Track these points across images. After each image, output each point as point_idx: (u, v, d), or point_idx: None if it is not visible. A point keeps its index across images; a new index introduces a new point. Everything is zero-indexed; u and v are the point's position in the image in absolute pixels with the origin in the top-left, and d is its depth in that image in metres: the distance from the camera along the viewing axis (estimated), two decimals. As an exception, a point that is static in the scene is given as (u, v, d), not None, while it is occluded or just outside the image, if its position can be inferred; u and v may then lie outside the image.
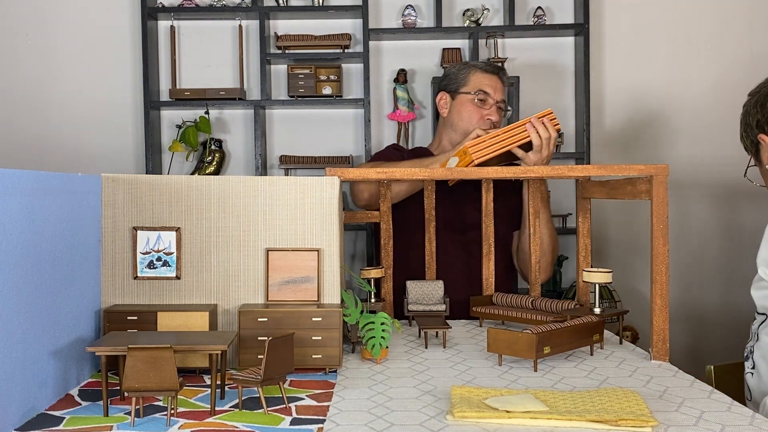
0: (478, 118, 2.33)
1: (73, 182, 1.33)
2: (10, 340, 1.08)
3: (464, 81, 2.38)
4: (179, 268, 1.47)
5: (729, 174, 3.17)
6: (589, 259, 1.89)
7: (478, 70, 2.39)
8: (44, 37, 3.21)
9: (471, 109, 2.35)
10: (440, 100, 2.44)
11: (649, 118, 3.19)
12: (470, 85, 2.37)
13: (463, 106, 2.36)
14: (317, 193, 1.50)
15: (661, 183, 1.54)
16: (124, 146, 3.22)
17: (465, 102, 2.36)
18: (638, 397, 1.16)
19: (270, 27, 3.18)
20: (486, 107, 2.34)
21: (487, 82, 2.36)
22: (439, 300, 1.83)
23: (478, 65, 2.43)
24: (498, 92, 2.37)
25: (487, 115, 2.33)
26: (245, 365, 1.39)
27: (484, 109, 2.34)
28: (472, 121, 2.33)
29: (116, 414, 1.16)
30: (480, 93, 2.34)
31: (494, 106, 2.35)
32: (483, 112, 2.33)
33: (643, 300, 3.02)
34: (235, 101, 3.07)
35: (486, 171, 1.70)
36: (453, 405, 1.13)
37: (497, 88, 2.37)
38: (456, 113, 2.38)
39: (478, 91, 2.34)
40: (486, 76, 2.38)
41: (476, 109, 2.34)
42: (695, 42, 3.19)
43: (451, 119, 2.40)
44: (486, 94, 2.34)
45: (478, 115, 2.33)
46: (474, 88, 2.36)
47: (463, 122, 2.35)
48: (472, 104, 2.35)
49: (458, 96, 2.38)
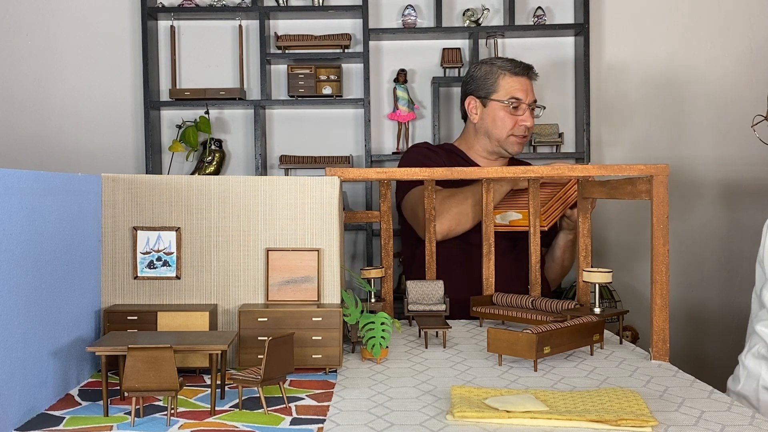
0: (511, 125, 2.32)
1: (73, 182, 1.33)
2: (10, 340, 1.08)
3: (494, 87, 2.35)
4: (179, 268, 1.47)
5: (729, 174, 3.18)
6: (589, 259, 1.89)
7: (508, 74, 2.35)
8: (44, 37, 3.21)
9: (504, 116, 2.32)
10: (469, 106, 2.40)
11: (648, 117, 3.19)
12: (501, 92, 2.33)
13: (496, 113, 2.34)
14: (317, 193, 1.50)
15: (661, 183, 1.54)
16: (124, 146, 3.22)
17: (497, 109, 2.33)
18: (638, 397, 1.16)
19: (270, 27, 3.18)
20: (519, 113, 2.32)
21: (518, 86, 2.33)
22: (439, 300, 1.83)
23: (505, 67, 2.37)
24: (530, 94, 2.35)
25: (522, 121, 2.32)
26: (245, 365, 1.39)
27: (517, 115, 2.33)
28: (507, 129, 2.32)
29: (116, 414, 1.16)
30: (512, 100, 2.32)
31: (527, 111, 2.33)
32: (517, 119, 2.32)
33: (643, 300, 3.02)
34: (235, 101, 3.07)
35: (486, 171, 1.70)
36: (453, 405, 1.13)
37: (528, 90, 2.34)
38: (490, 121, 2.35)
39: (511, 99, 2.32)
40: (516, 79, 2.34)
41: (510, 116, 2.32)
42: (696, 42, 3.19)
43: (484, 127, 2.37)
44: (518, 100, 2.32)
45: (511, 123, 2.32)
46: (506, 96, 2.32)
47: (498, 130, 2.34)
48: (505, 112, 2.32)
49: (490, 103, 2.35)
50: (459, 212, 2.14)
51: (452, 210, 2.15)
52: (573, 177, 1.74)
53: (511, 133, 2.33)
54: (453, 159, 2.39)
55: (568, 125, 3.16)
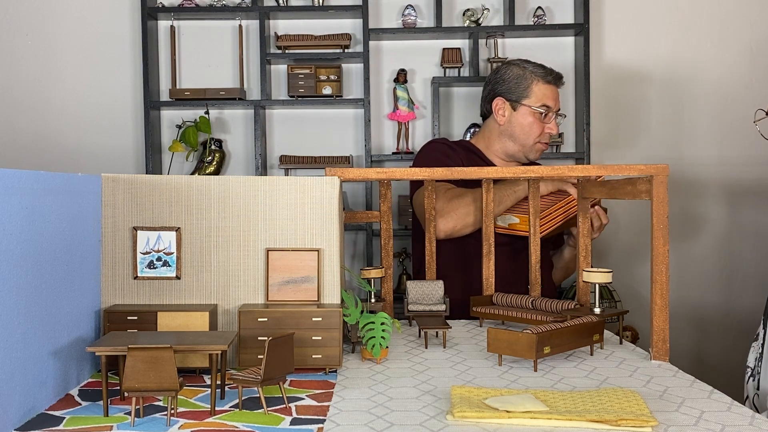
0: (539, 132, 2.33)
1: (73, 182, 1.33)
2: (10, 340, 1.08)
3: (526, 92, 2.34)
4: (179, 268, 1.47)
5: (729, 173, 3.18)
6: (589, 259, 1.89)
7: (540, 81, 2.34)
8: (44, 37, 3.21)
9: (533, 122, 2.32)
10: (497, 107, 2.38)
11: (648, 117, 3.19)
12: (533, 98, 2.33)
13: (524, 118, 2.33)
14: (317, 193, 1.50)
15: (661, 183, 1.54)
16: (124, 146, 3.22)
17: (527, 114, 2.33)
18: (638, 397, 1.16)
19: (270, 27, 3.18)
20: (547, 120, 2.33)
21: (550, 94, 2.34)
22: (439, 300, 1.83)
23: (538, 74, 2.36)
24: (557, 103, 2.36)
25: (549, 129, 2.33)
26: (245, 365, 1.39)
27: (545, 122, 2.33)
28: (534, 135, 2.33)
29: (116, 414, 1.16)
30: (544, 108, 2.32)
31: (554, 119, 2.34)
32: (544, 126, 2.33)
33: (643, 300, 3.02)
34: (235, 101, 3.07)
35: (486, 171, 1.70)
36: (453, 405, 1.13)
37: (557, 99, 2.36)
38: (517, 125, 2.35)
39: (543, 106, 2.32)
40: (548, 87, 2.35)
41: (538, 123, 2.33)
42: (696, 42, 3.19)
43: (510, 130, 2.36)
44: (549, 108, 2.33)
45: (539, 129, 2.33)
46: (538, 102, 2.32)
47: (525, 135, 2.34)
48: (534, 118, 2.32)
49: (520, 107, 2.34)
50: (466, 213, 2.14)
51: (460, 210, 2.15)
52: (572, 176, 1.74)
53: (538, 140, 2.34)
54: (471, 158, 2.38)
55: (568, 125, 3.16)
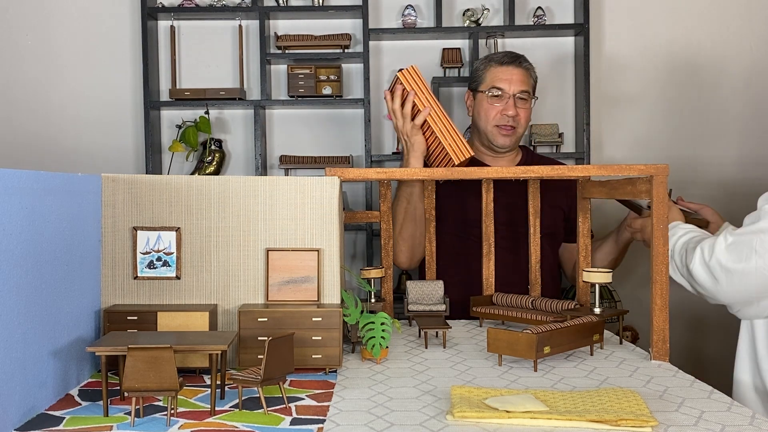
0: (494, 114, 2.30)
1: (73, 182, 1.33)
2: (10, 340, 1.08)
3: (482, 78, 2.34)
4: (179, 268, 1.47)
5: (729, 173, 3.18)
6: (590, 259, 1.89)
7: (495, 64, 2.33)
8: (44, 37, 3.21)
9: (487, 107, 2.31)
10: (466, 100, 2.42)
11: (648, 117, 3.19)
12: (486, 82, 2.32)
13: (480, 104, 2.34)
14: (317, 193, 1.50)
15: (661, 183, 1.54)
16: (124, 146, 3.21)
17: (482, 100, 2.33)
18: (638, 397, 1.16)
19: (270, 27, 3.18)
20: (502, 103, 2.30)
21: (502, 75, 2.31)
22: (439, 300, 1.83)
23: (494, 58, 2.37)
24: (514, 83, 2.30)
25: (503, 110, 2.29)
26: (245, 365, 1.39)
27: (500, 105, 2.30)
28: (489, 119, 2.30)
29: (116, 414, 1.16)
30: (493, 89, 2.30)
31: (511, 100, 2.29)
32: (499, 108, 2.30)
33: (643, 300, 3.02)
34: (235, 101, 3.07)
35: (486, 171, 1.70)
36: (453, 405, 1.13)
37: (513, 80, 2.30)
38: (476, 113, 2.36)
39: (492, 88, 2.30)
40: (501, 69, 2.32)
41: (492, 106, 2.30)
42: (696, 42, 3.18)
43: (474, 119, 2.38)
44: (499, 89, 2.29)
45: (494, 112, 2.30)
46: (489, 85, 2.31)
47: (482, 121, 2.33)
48: (488, 101, 2.31)
49: (477, 95, 2.35)
50: (405, 233, 2.17)
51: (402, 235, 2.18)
52: (572, 177, 1.74)
53: (495, 124, 2.30)
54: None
55: (568, 125, 3.16)
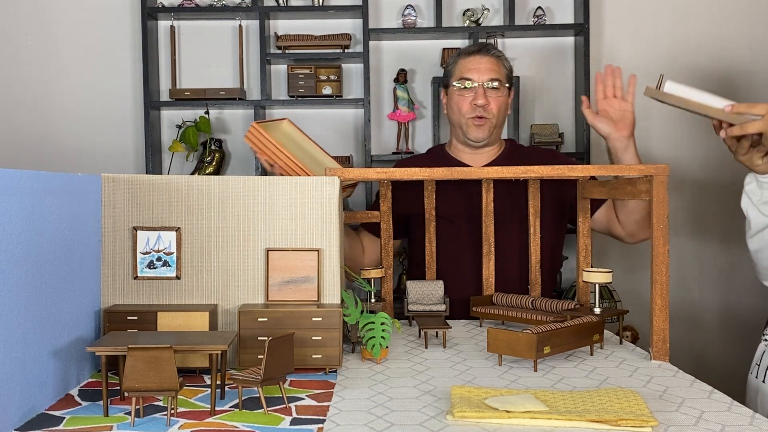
0: (466, 107, 2.24)
1: (73, 182, 1.33)
2: (10, 340, 1.08)
3: (452, 72, 2.31)
4: (179, 268, 1.47)
5: (729, 173, 3.17)
6: (589, 259, 1.89)
7: (463, 56, 2.30)
8: (44, 37, 3.21)
9: (458, 99, 2.26)
10: (442, 99, 2.40)
11: (648, 117, 3.19)
12: (455, 75, 2.29)
13: (452, 98, 2.30)
14: (317, 193, 1.50)
15: (661, 183, 1.54)
16: (124, 146, 3.21)
17: (453, 94, 2.29)
18: (638, 397, 1.16)
19: (270, 27, 3.18)
20: (471, 93, 2.24)
21: (469, 65, 2.26)
22: (439, 300, 1.83)
23: (462, 51, 2.33)
24: (483, 72, 2.24)
25: (473, 101, 2.23)
26: (245, 365, 1.39)
27: (471, 96, 2.24)
28: (461, 112, 2.25)
29: (116, 414, 1.16)
30: (462, 80, 2.25)
31: (480, 89, 2.23)
32: (470, 99, 2.24)
33: (643, 300, 3.01)
34: (235, 101, 3.07)
35: (486, 171, 1.70)
36: (453, 405, 1.13)
37: (481, 69, 2.24)
38: (449, 108, 2.33)
39: (460, 79, 2.26)
40: (468, 59, 2.27)
41: (463, 98, 2.25)
42: (696, 42, 3.19)
43: (449, 116, 2.36)
44: (468, 79, 2.24)
45: (465, 105, 2.24)
46: (458, 77, 2.27)
47: (455, 116, 2.29)
48: (458, 94, 2.26)
49: (449, 90, 2.32)
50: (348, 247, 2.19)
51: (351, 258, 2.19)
52: (572, 177, 1.74)
53: (468, 116, 2.25)
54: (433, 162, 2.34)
55: (568, 125, 3.16)
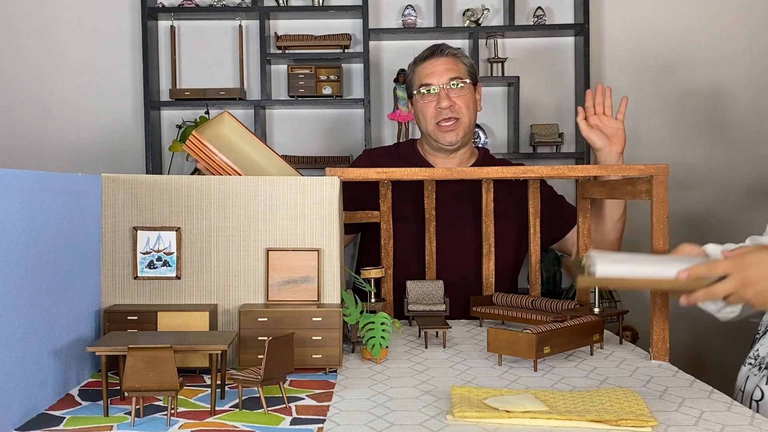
0: (431, 113, 2.18)
1: (73, 182, 1.33)
2: (10, 339, 1.08)
3: (412, 81, 2.26)
4: (179, 268, 1.47)
5: (729, 173, 3.18)
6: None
7: (418, 63, 2.24)
8: (44, 37, 3.21)
9: (422, 107, 2.21)
10: (410, 109, 2.34)
11: (649, 117, 3.19)
12: (415, 84, 2.24)
13: (417, 107, 2.24)
14: (317, 193, 1.50)
15: (661, 183, 1.54)
16: (124, 146, 3.22)
17: (417, 103, 2.24)
18: (638, 397, 1.16)
19: (270, 27, 3.18)
20: (434, 98, 2.18)
21: (426, 70, 2.21)
22: (439, 300, 1.83)
23: (417, 57, 2.27)
24: (441, 74, 2.17)
25: (437, 105, 2.17)
26: (245, 365, 1.39)
27: (434, 100, 2.18)
28: (428, 118, 2.19)
29: (116, 414, 1.16)
30: (422, 86, 2.20)
31: (442, 92, 2.17)
32: (434, 104, 2.18)
33: (643, 300, 3.01)
34: (235, 101, 3.07)
35: (486, 171, 1.70)
36: (453, 405, 1.13)
37: (438, 71, 2.18)
38: (416, 118, 2.27)
39: (422, 86, 2.20)
40: (423, 65, 2.22)
41: (426, 105, 2.20)
42: (696, 43, 3.19)
43: (418, 125, 2.29)
44: (427, 85, 2.19)
45: (430, 110, 2.19)
46: (417, 86, 2.22)
47: (423, 122, 2.22)
48: (423, 102, 2.21)
49: (413, 98, 2.26)
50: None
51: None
52: (572, 177, 1.74)
53: (435, 122, 2.19)
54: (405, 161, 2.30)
55: (568, 125, 3.16)
